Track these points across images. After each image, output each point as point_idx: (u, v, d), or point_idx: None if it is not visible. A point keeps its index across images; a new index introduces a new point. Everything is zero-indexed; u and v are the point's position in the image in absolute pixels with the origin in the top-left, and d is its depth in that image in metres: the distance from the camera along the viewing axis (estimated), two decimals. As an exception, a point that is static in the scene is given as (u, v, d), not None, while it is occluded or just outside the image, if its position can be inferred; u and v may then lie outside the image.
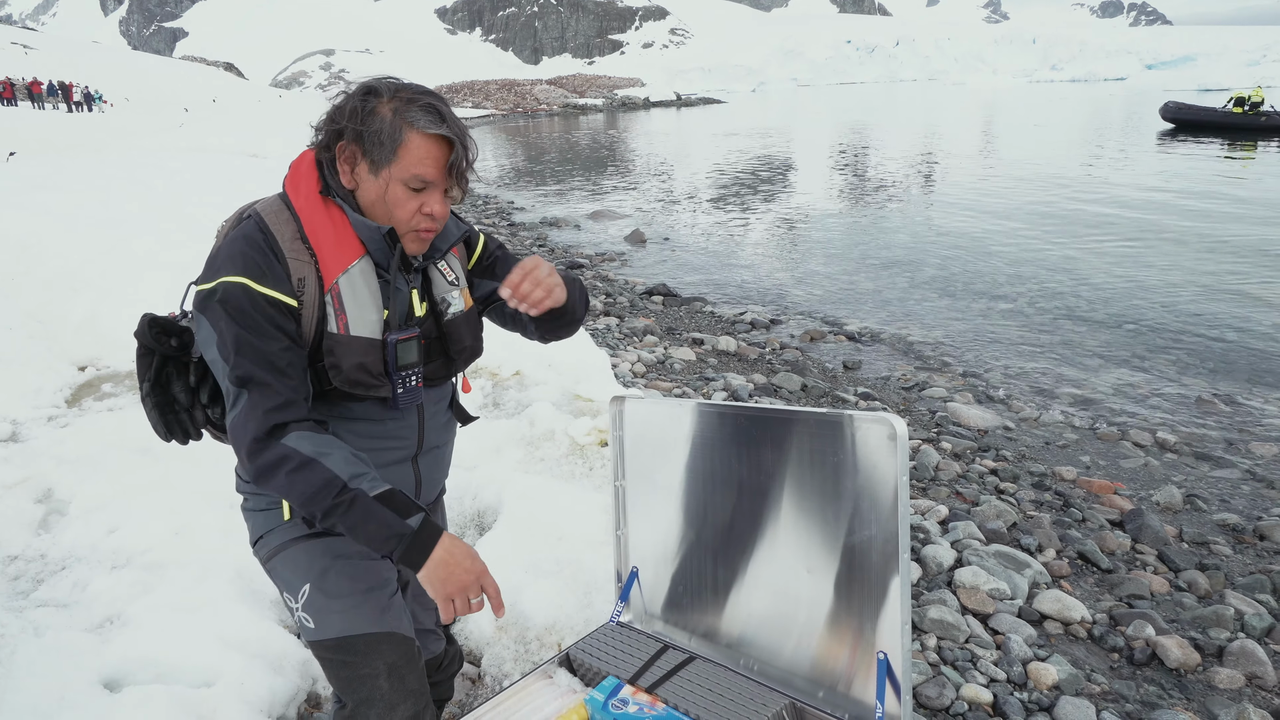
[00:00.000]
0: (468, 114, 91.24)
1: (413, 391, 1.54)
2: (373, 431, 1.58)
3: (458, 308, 1.64)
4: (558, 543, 3.19)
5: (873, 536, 1.60)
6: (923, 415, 6.13)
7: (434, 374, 1.63)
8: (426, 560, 1.37)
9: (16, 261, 6.78)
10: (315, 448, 1.36)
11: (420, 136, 1.41)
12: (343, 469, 1.35)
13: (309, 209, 1.48)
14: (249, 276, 1.40)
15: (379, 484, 1.38)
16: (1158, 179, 18.92)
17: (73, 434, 4.30)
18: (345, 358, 1.46)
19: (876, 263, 11.72)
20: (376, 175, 1.44)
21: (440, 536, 1.40)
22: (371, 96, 1.43)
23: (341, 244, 1.47)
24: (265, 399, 1.38)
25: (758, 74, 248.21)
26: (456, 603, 1.38)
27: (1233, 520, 4.42)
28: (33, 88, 42.13)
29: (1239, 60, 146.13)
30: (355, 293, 1.47)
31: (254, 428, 1.37)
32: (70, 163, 14.48)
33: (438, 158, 1.43)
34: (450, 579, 1.38)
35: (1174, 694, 2.98)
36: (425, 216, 1.47)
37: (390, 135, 1.41)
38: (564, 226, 15.91)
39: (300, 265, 1.44)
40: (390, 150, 1.42)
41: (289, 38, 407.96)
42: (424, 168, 1.43)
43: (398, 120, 1.41)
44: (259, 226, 1.46)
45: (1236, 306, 8.86)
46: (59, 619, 2.70)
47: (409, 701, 1.53)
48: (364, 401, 1.54)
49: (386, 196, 1.45)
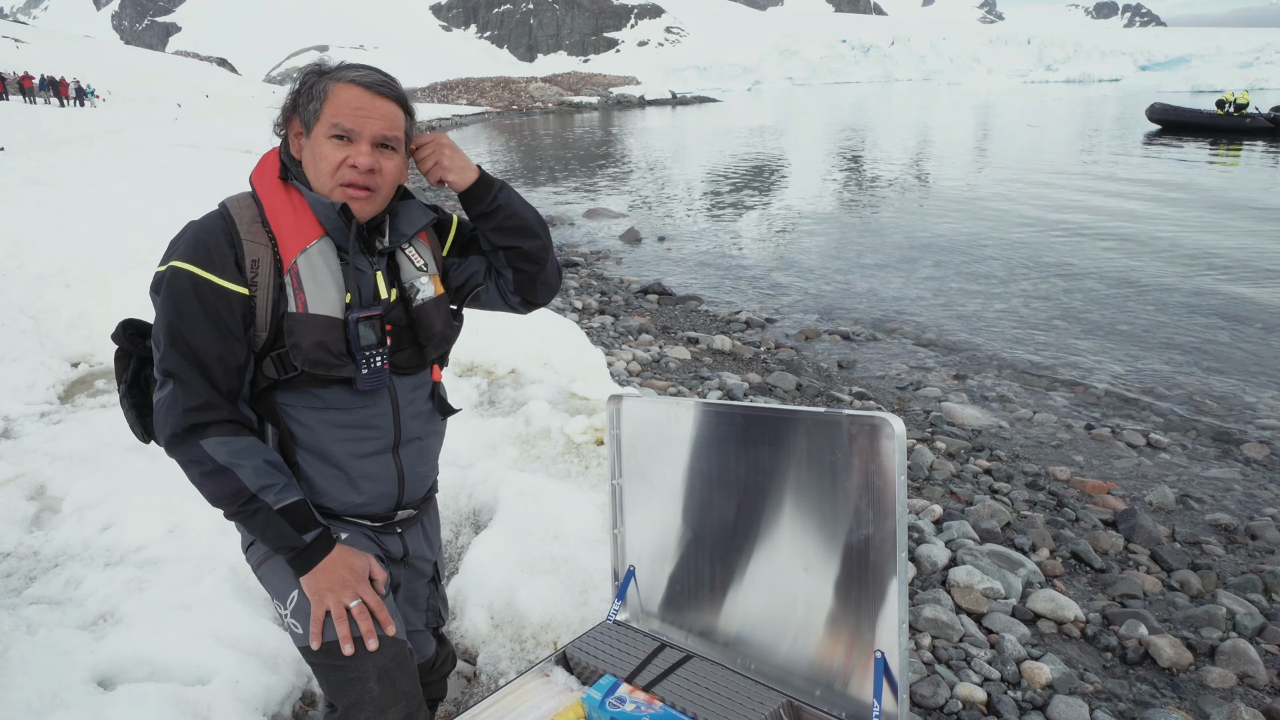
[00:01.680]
0: (462, 111, 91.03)
1: (378, 373, 1.53)
2: (345, 420, 1.56)
3: (427, 294, 1.62)
4: (553, 541, 3.19)
5: (870, 536, 1.60)
6: (917, 415, 6.14)
7: (406, 362, 1.61)
8: (312, 568, 1.48)
9: (8, 256, 6.74)
10: (229, 457, 1.43)
11: (341, 86, 1.46)
12: (252, 480, 1.43)
13: (269, 193, 1.51)
14: (195, 263, 1.43)
15: (286, 496, 1.46)
16: (1147, 179, 19.00)
17: (65, 431, 4.28)
18: (304, 336, 1.46)
19: (871, 262, 11.74)
20: (310, 136, 1.49)
21: (332, 549, 1.50)
22: (311, 73, 1.50)
23: (300, 225, 1.49)
24: (187, 396, 1.43)
25: (753, 73, 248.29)
26: (329, 603, 1.46)
27: (1225, 520, 4.44)
28: (24, 82, 41.88)
29: (1233, 62, 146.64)
30: (314, 272, 1.47)
31: (173, 423, 1.43)
32: (62, 158, 14.40)
33: (357, 107, 1.45)
34: (324, 579, 1.48)
35: (1166, 693, 3.00)
36: (349, 169, 1.46)
37: (318, 93, 1.47)
38: (559, 224, 15.90)
39: (255, 248, 1.46)
40: (317, 105, 1.47)
41: (283, 34, 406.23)
42: (342, 115, 1.45)
43: (325, 80, 1.47)
44: (220, 214, 1.50)
45: (1228, 307, 8.91)
46: (52, 616, 2.68)
47: (400, 704, 1.52)
48: (330, 387, 1.53)
49: (316, 155, 1.48)
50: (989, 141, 33.51)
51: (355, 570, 1.51)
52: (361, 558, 1.54)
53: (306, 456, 1.57)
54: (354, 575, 1.50)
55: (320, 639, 1.48)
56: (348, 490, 1.60)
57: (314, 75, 1.50)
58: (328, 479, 1.59)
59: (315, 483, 1.58)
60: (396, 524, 1.71)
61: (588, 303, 9.24)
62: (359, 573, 1.51)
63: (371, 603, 1.50)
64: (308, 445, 1.56)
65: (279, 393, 1.53)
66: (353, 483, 1.60)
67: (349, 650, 1.46)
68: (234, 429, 1.46)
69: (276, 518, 1.44)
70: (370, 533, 1.67)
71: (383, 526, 1.68)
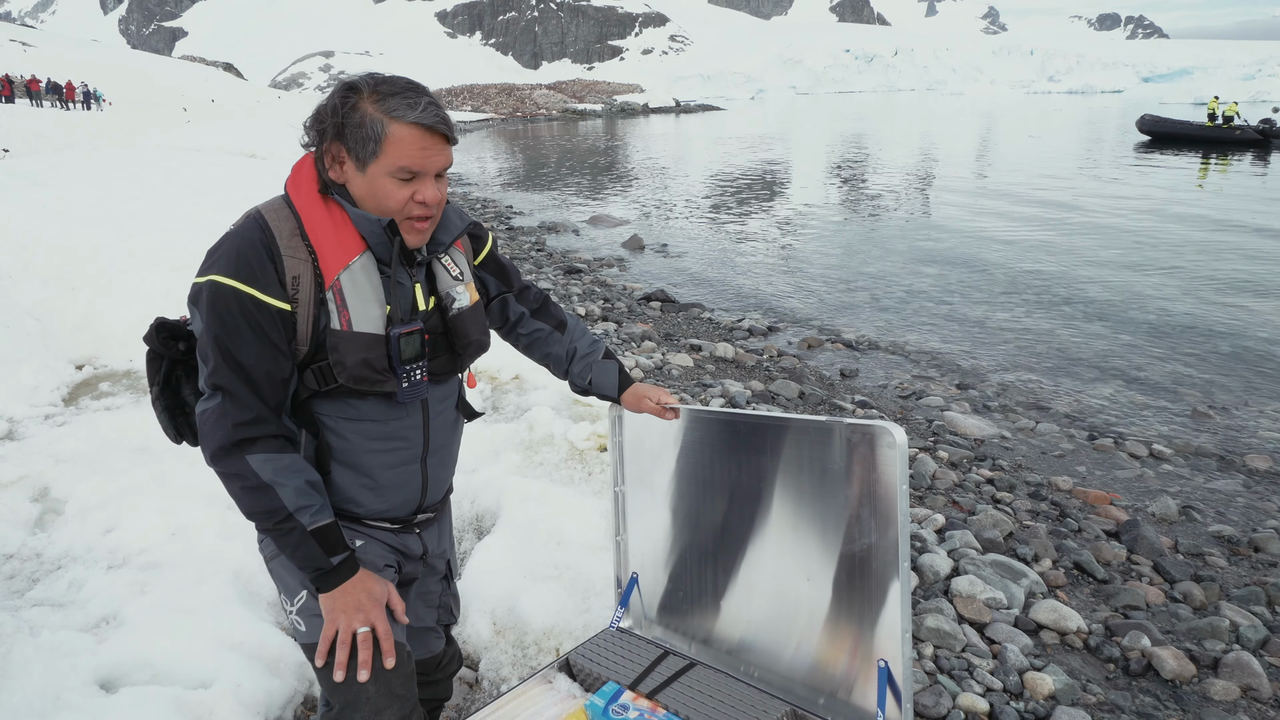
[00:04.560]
0: (466, 117, 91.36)
1: (418, 385, 1.54)
2: (378, 433, 1.58)
3: (463, 302, 1.63)
4: (556, 547, 3.19)
5: (873, 544, 1.60)
6: (919, 424, 6.14)
7: (440, 369, 1.63)
8: (334, 589, 1.50)
9: (14, 259, 6.75)
10: (273, 475, 1.44)
11: (402, 127, 1.41)
12: (291, 500, 1.45)
13: (309, 207, 1.49)
14: (239, 279, 1.41)
15: (321, 518, 1.48)
16: (1147, 190, 19.01)
17: (70, 433, 4.28)
18: (349, 354, 1.46)
19: (873, 271, 11.75)
20: (363, 171, 1.45)
21: (355, 574, 1.52)
22: (351, 94, 1.44)
23: (342, 240, 1.47)
24: (236, 411, 1.43)
25: (757, 81, 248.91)
26: (340, 624, 1.48)
27: (1228, 532, 4.43)
28: (31, 85, 42.09)
29: (1235, 74, 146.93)
30: (357, 288, 1.47)
31: (221, 436, 1.44)
32: (68, 160, 14.45)
33: (423, 146, 1.43)
34: (342, 600, 1.49)
35: (1169, 705, 2.99)
36: (419, 205, 1.47)
37: (372, 130, 1.41)
38: (562, 231, 15.93)
39: (296, 263, 1.45)
40: (374, 145, 1.42)
41: (289, 39, 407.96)
42: (409, 158, 1.43)
43: (378, 114, 1.41)
44: (259, 225, 1.47)
45: (1231, 318, 8.91)
46: (55, 618, 2.68)
47: (394, 706, 1.52)
48: (368, 399, 1.54)
49: (376, 191, 1.45)
50: (991, 151, 33.57)
51: (374, 596, 1.52)
52: (381, 584, 1.55)
53: (338, 465, 1.58)
54: (371, 601, 1.51)
55: (324, 657, 1.50)
56: (372, 498, 1.62)
57: (352, 98, 1.43)
58: (356, 487, 1.60)
59: (343, 489, 1.60)
60: (416, 524, 1.72)
61: (590, 309, 9.25)
62: (377, 599, 1.53)
63: (380, 630, 1.51)
64: (341, 454, 1.57)
65: (317, 402, 1.54)
66: (379, 491, 1.62)
67: (339, 677, 1.48)
68: (280, 445, 1.47)
69: (308, 538, 1.46)
70: (390, 534, 1.68)
71: (402, 527, 1.70)
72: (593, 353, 1.96)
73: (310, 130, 1.50)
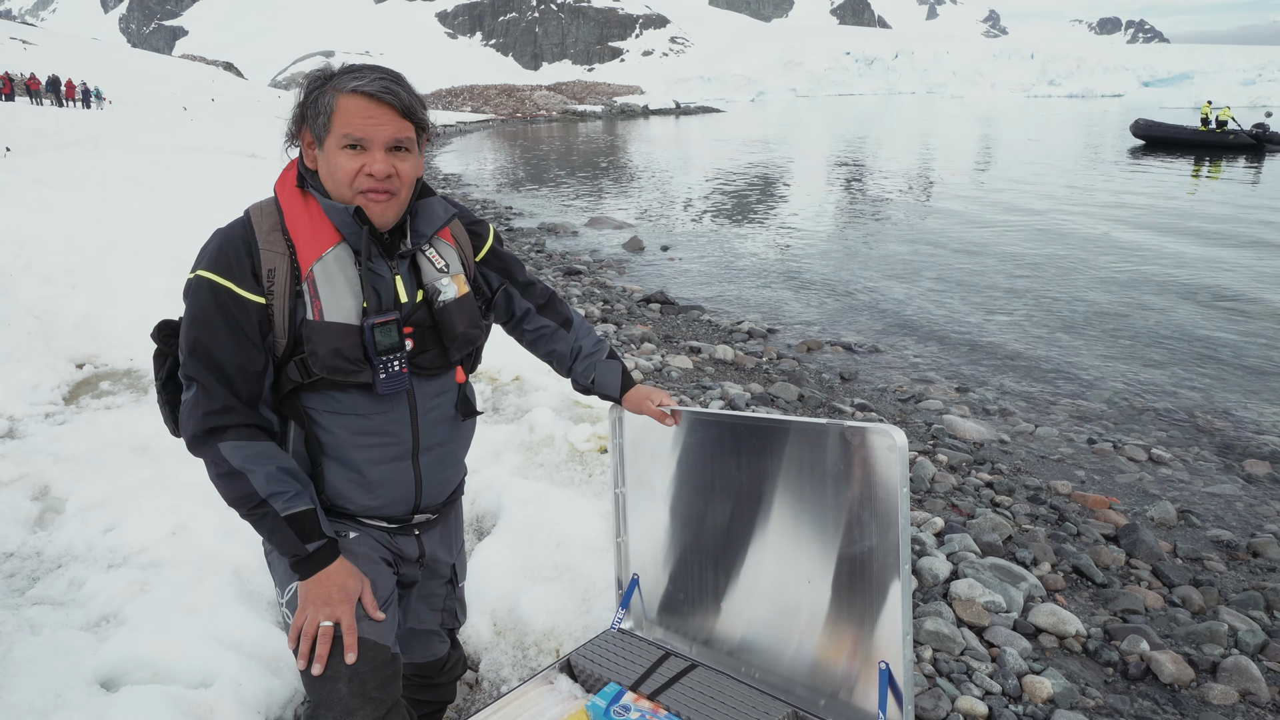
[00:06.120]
0: (466, 118, 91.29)
1: (396, 378, 1.54)
2: (363, 427, 1.58)
3: (449, 294, 1.62)
4: (556, 548, 3.19)
5: (873, 547, 1.61)
6: (919, 427, 6.15)
7: (430, 364, 1.62)
8: (310, 576, 1.51)
9: (14, 257, 6.75)
10: (243, 462, 1.48)
11: (347, 97, 1.46)
12: (262, 486, 1.48)
13: (289, 201, 1.54)
14: (217, 272, 1.47)
15: (296, 504, 1.50)
16: (1144, 194, 19.04)
17: (70, 431, 4.28)
18: (321, 344, 1.48)
19: (873, 274, 11.76)
20: (322, 149, 1.50)
21: (334, 561, 1.53)
22: (316, 82, 1.51)
23: (317, 232, 1.51)
24: (207, 400, 1.47)
25: (757, 84, 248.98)
26: (307, 616, 1.49)
27: (1226, 536, 4.44)
28: (30, 84, 42.08)
29: (1235, 79, 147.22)
30: (330, 279, 1.49)
31: (193, 425, 1.49)
32: (68, 159, 14.45)
33: (367, 114, 1.46)
34: (314, 591, 1.51)
35: (1168, 709, 3.00)
36: (367, 177, 1.48)
37: (325, 105, 1.47)
38: (562, 233, 15.93)
39: (272, 257, 1.49)
40: (325, 119, 1.47)
41: (289, 38, 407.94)
42: (353, 125, 1.46)
43: (331, 90, 1.48)
44: (243, 221, 1.53)
45: (1230, 322, 8.92)
46: (55, 617, 2.68)
47: (367, 708, 1.48)
48: (349, 392, 1.55)
49: (332, 167, 1.49)
50: (991, 154, 33.60)
51: (345, 591, 1.52)
52: (357, 579, 1.55)
53: (328, 460, 1.59)
54: (341, 595, 1.51)
55: (293, 644, 1.51)
56: (363, 494, 1.62)
57: (318, 85, 1.51)
58: (346, 482, 1.61)
59: (333, 484, 1.61)
60: (414, 526, 1.72)
61: (590, 311, 9.25)
62: (348, 594, 1.52)
63: (345, 625, 1.49)
64: (330, 449, 1.59)
65: (304, 395, 1.56)
66: (368, 488, 1.62)
67: (302, 666, 1.49)
68: (251, 433, 1.50)
69: (283, 524, 1.49)
70: (385, 534, 1.68)
71: (399, 528, 1.69)
72: (596, 352, 1.96)
73: (290, 125, 1.56)
